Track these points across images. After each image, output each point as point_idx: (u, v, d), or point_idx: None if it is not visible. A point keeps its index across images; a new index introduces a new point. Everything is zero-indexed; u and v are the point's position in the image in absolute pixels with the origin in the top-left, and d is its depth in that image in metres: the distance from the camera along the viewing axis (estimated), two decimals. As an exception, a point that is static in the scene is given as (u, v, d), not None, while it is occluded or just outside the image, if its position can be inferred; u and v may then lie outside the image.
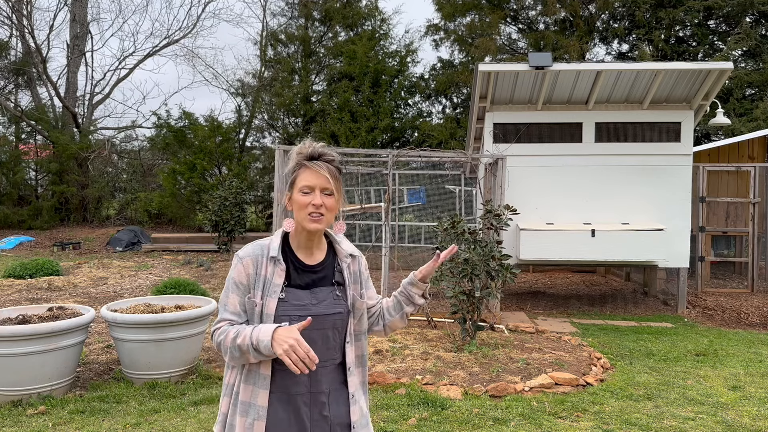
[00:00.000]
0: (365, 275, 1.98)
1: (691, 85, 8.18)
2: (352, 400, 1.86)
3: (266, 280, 1.80)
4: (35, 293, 8.87)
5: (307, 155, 1.81)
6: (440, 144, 16.38)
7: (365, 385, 1.97)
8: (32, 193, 19.32)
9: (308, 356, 1.63)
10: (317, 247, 1.89)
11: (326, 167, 1.79)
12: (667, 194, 8.30)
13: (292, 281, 1.82)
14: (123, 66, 21.26)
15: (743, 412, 4.38)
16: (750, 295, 9.47)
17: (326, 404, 1.82)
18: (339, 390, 1.87)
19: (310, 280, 1.84)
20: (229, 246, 13.63)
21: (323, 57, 19.18)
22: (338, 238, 1.95)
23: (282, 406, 1.78)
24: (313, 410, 1.80)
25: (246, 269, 1.80)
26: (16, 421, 4.06)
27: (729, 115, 14.58)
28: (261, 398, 1.76)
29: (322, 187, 1.78)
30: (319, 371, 1.80)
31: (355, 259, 1.95)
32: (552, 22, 18.23)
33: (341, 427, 1.84)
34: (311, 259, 1.87)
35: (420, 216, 13.95)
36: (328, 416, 1.82)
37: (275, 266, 1.81)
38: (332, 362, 1.85)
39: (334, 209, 1.81)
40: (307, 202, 1.77)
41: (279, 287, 1.79)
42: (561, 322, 7.64)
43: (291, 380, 1.78)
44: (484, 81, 8.12)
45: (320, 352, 1.79)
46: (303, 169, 1.80)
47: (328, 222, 1.82)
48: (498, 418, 4.14)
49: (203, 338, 5.27)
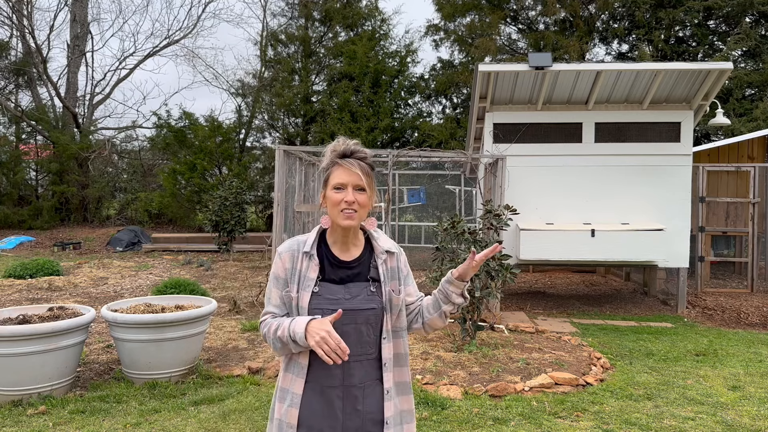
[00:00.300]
0: (404, 271, 1.97)
1: (690, 85, 8.18)
2: (387, 395, 1.87)
3: (301, 274, 1.86)
4: (35, 293, 8.88)
5: (339, 153, 1.85)
6: (440, 144, 16.39)
7: (407, 385, 1.95)
8: (32, 193, 19.33)
9: (339, 347, 1.68)
10: (353, 243, 1.92)
11: (358, 164, 1.83)
12: (667, 194, 8.31)
13: (327, 276, 1.87)
14: (123, 66, 21.28)
15: (743, 412, 4.38)
16: (750, 295, 9.47)
17: (359, 398, 1.84)
18: (373, 385, 1.88)
19: (345, 276, 1.88)
20: (229, 246, 13.63)
21: (323, 57, 19.19)
22: (376, 234, 1.97)
23: (315, 396, 1.83)
24: (346, 403, 1.84)
25: (284, 263, 1.89)
26: (17, 421, 4.07)
27: (729, 115, 14.58)
28: (297, 386, 1.84)
29: (354, 184, 1.82)
30: (352, 365, 1.84)
31: (393, 255, 1.96)
32: (552, 22, 18.23)
33: (373, 422, 1.86)
34: (347, 255, 1.91)
35: (420, 216, 13.96)
36: (360, 410, 1.84)
37: (309, 261, 1.87)
38: (366, 357, 1.87)
39: (366, 205, 1.85)
40: (340, 199, 1.81)
41: (313, 281, 1.85)
42: (561, 322, 7.64)
43: (325, 372, 1.83)
44: (484, 81, 8.13)
45: (353, 347, 1.82)
46: (336, 166, 1.84)
47: (361, 218, 1.86)
48: (498, 417, 4.15)
49: (203, 338, 5.28)
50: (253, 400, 4.45)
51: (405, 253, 2.06)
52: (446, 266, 6.05)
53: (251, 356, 5.66)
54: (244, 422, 4.05)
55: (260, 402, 4.41)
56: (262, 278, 9.97)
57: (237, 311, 7.72)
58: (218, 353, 5.78)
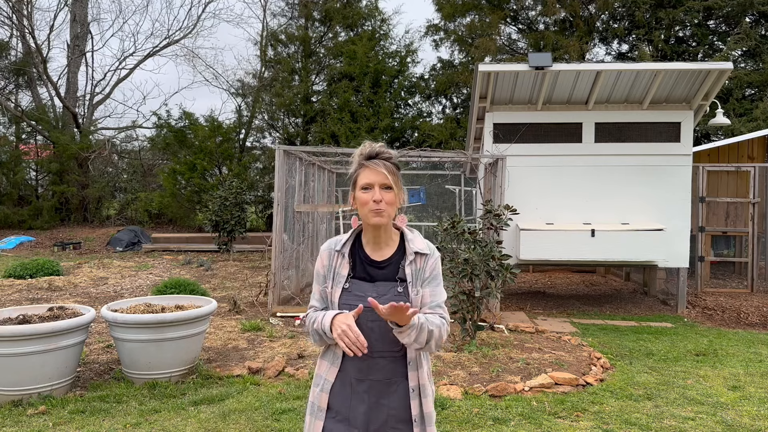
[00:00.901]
0: (427, 274, 1.97)
1: (690, 85, 8.18)
2: (413, 394, 1.93)
3: (335, 271, 1.99)
4: (35, 293, 8.88)
5: (366, 155, 1.95)
6: (440, 144, 16.39)
7: (427, 387, 1.98)
8: (32, 193, 19.33)
9: (358, 340, 1.78)
10: (386, 243, 2.00)
11: (383, 164, 1.91)
12: (666, 194, 8.31)
13: (357, 273, 1.98)
14: (123, 66, 21.29)
15: (743, 412, 4.38)
16: (750, 295, 9.47)
17: (384, 393, 1.92)
18: (399, 382, 1.94)
19: (375, 274, 1.97)
20: (229, 246, 13.63)
21: (323, 57, 19.19)
22: (411, 235, 2.03)
23: (345, 385, 1.95)
24: (371, 396, 1.92)
25: (323, 261, 2.02)
26: (17, 421, 4.07)
27: (729, 115, 14.58)
28: (330, 374, 1.97)
29: (380, 183, 1.90)
30: (378, 361, 1.92)
31: (423, 257, 1.99)
32: (552, 22, 18.23)
33: (397, 419, 1.92)
34: (378, 255, 1.99)
35: (420, 216, 13.95)
36: (385, 405, 1.92)
37: (342, 259, 1.99)
38: (391, 354, 1.94)
39: (393, 203, 1.93)
40: (368, 198, 1.90)
41: (344, 278, 1.97)
42: (561, 322, 7.64)
43: (354, 364, 1.93)
44: (484, 81, 8.13)
45: (378, 343, 1.91)
46: (362, 168, 1.94)
47: (390, 215, 1.93)
48: (498, 417, 4.15)
49: (203, 338, 5.28)
50: (253, 400, 4.45)
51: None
52: (446, 266, 6.05)
53: (251, 356, 5.66)
54: (244, 422, 4.05)
55: (260, 402, 4.41)
56: (261, 278, 9.97)
57: (237, 311, 7.72)
58: (218, 353, 5.78)
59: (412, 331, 1.81)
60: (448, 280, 5.95)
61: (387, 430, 1.92)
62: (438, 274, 2.01)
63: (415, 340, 1.84)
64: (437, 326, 1.88)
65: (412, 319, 1.80)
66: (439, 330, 1.89)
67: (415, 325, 1.81)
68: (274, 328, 6.75)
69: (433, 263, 1.99)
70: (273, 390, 4.70)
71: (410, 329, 1.81)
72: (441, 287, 2.01)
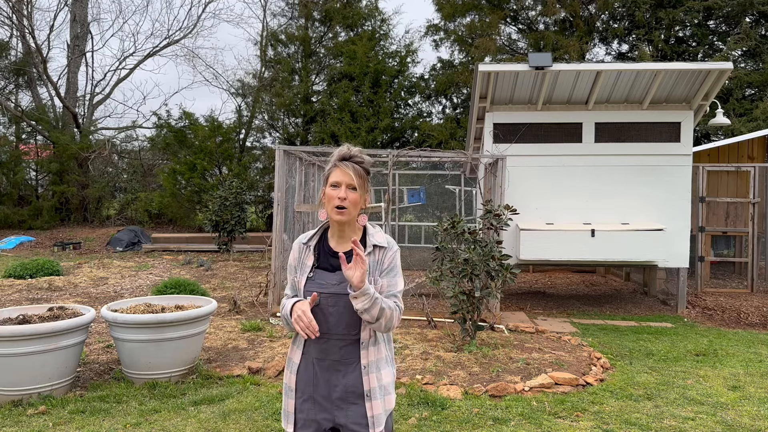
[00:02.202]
0: (385, 265, 2.16)
1: (690, 85, 8.18)
2: (364, 371, 2.13)
3: (302, 262, 2.21)
4: (35, 293, 8.88)
5: (339, 156, 2.14)
6: (440, 144, 16.38)
7: (384, 360, 2.19)
8: (32, 193, 19.33)
9: (311, 325, 1.99)
10: (349, 236, 2.18)
11: (352, 167, 2.11)
12: (666, 194, 8.31)
13: (321, 264, 2.18)
14: (123, 66, 21.29)
15: (743, 412, 4.38)
16: (750, 295, 9.47)
17: (341, 373, 2.13)
18: (355, 362, 2.14)
19: (337, 265, 2.13)
20: (230, 246, 13.63)
21: (323, 57, 19.19)
22: (372, 231, 2.22)
23: (308, 366, 2.17)
24: (331, 376, 2.14)
25: (294, 253, 2.25)
26: (17, 421, 4.07)
27: (729, 115, 14.58)
28: (296, 356, 2.20)
29: (347, 183, 2.09)
30: (335, 343, 2.13)
31: (381, 250, 2.17)
32: (552, 22, 18.23)
33: (355, 395, 2.13)
34: (342, 247, 2.18)
35: (420, 216, 13.95)
36: (343, 383, 2.12)
37: (308, 251, 2.21)
38: (348, 337, 2.13)
39: (357, 203, 2.12)
40: (334, 195, 2.09)
41: (309, 268, 2.18)
42: (561, 322, 7.64)
43: (314, 347, 2.15)
44: (484, 81, 8.13)
45: (335, 326, 2.11)
46: (335, 168, 2.13)
47: (350, 214, 2.12)
48: (498, 417, 4.15)
49: (203, 338, 5.28)
50: (253, 400, 4.45)
51: (405, 252, 2.17)
52: (446, 266, 6.05)
53: (251, 356, 5.66)
54: (244, 422, 4.05)
55: (260, 402, 4.41)
56: (261, 278, 9.97)
57: (237, 311, 7.72)
58: (218, 353, 5.78)
59: (366, 297, 1.98)
60: (448, 280, 5.95)
61: (347, 404, 2.12)
62: (396, 266, 2.18)
63: (367, 311, 2.01)
64: (389, 307, 2.06)
65: (366, 286, 1.97)
66: (391, 311, 2.06)
67: (369, 294, 1.98)
68: (274, 328, 6.75)
69: (391, 255, 2.17)
70: (273, 390, 4.70)
71: (364, 295, 1.98)
72: (398, 278, 2.18)
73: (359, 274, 1.95)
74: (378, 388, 2.14)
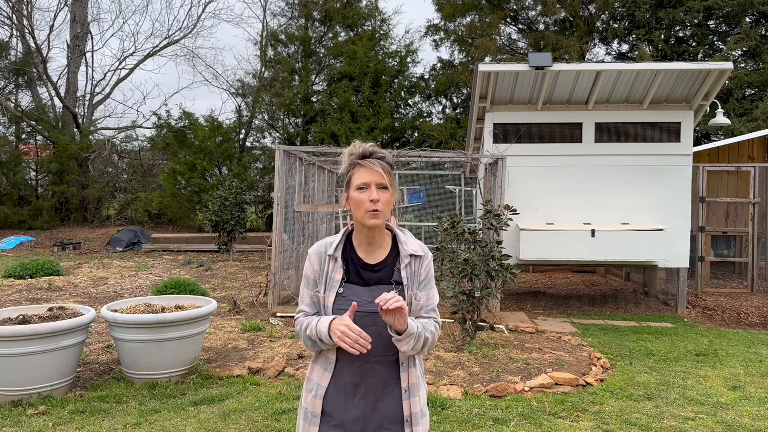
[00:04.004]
0: (422, 276, 1.95)
1: (691, 85, 8.18)
2: (405, 395, 1.93)
3: (328, 276, 1.93)
4: (35, 293, 8.88)
5: (359, 155, 1.89)
6: (440, 144, 16.38)
7: (422, 378, 2.01)
8: (32, 193, 19.32)
9: (360, 337, 1.76)
10: (379, 244, 1.95)
11: (379, 163, 1.87)
12: (666, 194, 8.31)
13: (351, 278, 1.93)
14: (123, 66, 21.28)
15: (743, 412, 4.38)
16: (750, 295, 9.47)
17: (380, 397, 1.91)
18: (393, 385, 1.92)
19: (370, 278, 1.92)
20: (229, 246, 13.62)
21: (323, 57, 19.19)
22: (404, 236, 1.98)
23: (340, 390, 1.92)
24: (367, 401, 1.90)
25: (312, 265, 1.95)
26: (17, 421, 4.07)
27: (729, 115, 14.58)
28: (324, 379, 1.94)
29: (377, 182, 1.85)
30: (373, 366, 1.90)
31: (417, 259, 1.95)
32: (552, 22, 18.23)
33: (392, 421, 1.91)
34: (372, 258, 1.94)
35: (420, 216, 13.95)
36: (379, 409, 1.91)
37: (335, 263, 1.93)
38: (387, 358, 1.92)
39: (389, 203, 1.88)
40: (365, 198, 1.84)
41: (338, 283, 1.91)
42: (561, 322, 7.64)
43: (349, 370, 1.91)
44: (484, 81, 8.13)
45: (372, 348, 1.84)
46: (357, 167, 1.88)
47: (386, 216, 1.88)
48: (498, 418, 4.15)
49: (203, 338, 5.28)
50: (253, 400, 4.44)
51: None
52: (446, 266, 6.05)
53: (251, 356, 5.66)
54: (244, 422, 4.05)
55: (260, 402, 4.41)
56: (261, 278, 9.96)
57: (237, 311, 7.72)
58: (218, 353, 5.78)
59: (410, 339, 1.81)
60: (448, 280, 5.95)
61: (381, 431, 1.92)
62: (432, 276, 1.99)
63: (413, 348, 1.85)
64: (431, 333, 1.89)
65: (410, 326, 1.79)
66: (433, 336, 1.90)
67: (413, 334, 1.81)
68: (274, 328, 6.75)
69: (427, 265, 1.97)
70: (273, 390, 4.69)
71: (409, 337, 1.81)
72: (435, 290, 1.99)
73: (402, 320, 1.75)
74: (419, 413, 1.94)
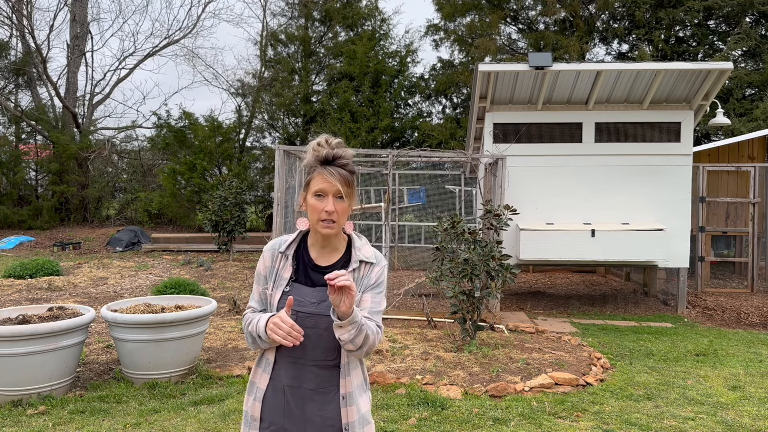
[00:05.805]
0: (372, 281, 1.91)
1: (691, 85, 8.18)
2: (343, 402, 1.87)
3: (277, 273, 1.92)
4: (35, 293, 8.87)
5: (322, 158, 1.83)
6: (440, 144, 16.39)
7: (364, 385, 1.95)
8: (32, 193, 19.32)
9: (293, 329, 1.72)
10: (334, 247, 1.93)
11: (338, 173, 1.81)
12: (666, 194, 8.31)
13: (299, 277, 1.91)
14: (123, 66, 21.26)
15: (743, 412, 4.38)
16: (750, 295, 9.47)
17: (318, 403, 1.86)
18: (333, 391, 1.87)
19: (317, 280, 1.88)
20: (229, 246, 13.62)
21: (323, 57, 19.19)
22: (359, 242, 1.95)
23: (277, 394, 1.88)
24: (306, 405, 1.86)
25: (265, 261, 1.95)
26: (16, 421, 4.06)
27: (729, 115, 14.58)
28: (262, 382, 1.91)
29: (334, 192, 1.81)
30: (311, 369, 1.86)
31: (368, 266, 1.91)
32: (552, 22, 18.23)
33: (333, 428, 1.85)
34: (324, 260, 1.92)
35: (420, 216, 13.95)
36: (318, 414, 1.86)
37: (285, 261, 1.93)
38: (326, 362, 1.87)
39: (345, 212, 1.85)
40: (321, 207, 1.81)
41: (285, 281, 1.90)
42: (561, 322, 7.64)
43: (287, 372, 1.88)
44: (484, 81, 8.12)
45: (311, 351, 1.84)
46: (317, 173, 1.83)
47: (340, 226, 1.86)
48: (498, 418, 4.14)
49: (203, 338, 5.28)
50: (253, 400, 4.44)
51: (404, 252, 2.01)
52: (446, 266, 6.05)
53: (251, 356, 5.66)
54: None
55: (260, 402, 4.40)
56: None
57: (237, 311, 7.72)
58: (218, 353, 5.78)
59: (352, 327, 1.72)
60: (448, 280, 5.95)
61: None
62: (383, 282, 1.92)
63: (352, 340, 1.75)
64: (373, 333, 1.80)
65: (355, 314, 1.71)
66: (374, 337, 1.80)
67: (357, 323, 1.72)
68: (274, 328, 6.74)
69: (379, 271, 1.92)
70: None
71: (351, 325, 1.71)
72: (383, 297, 1.92)
73: (348, 301, 1.67)
74: (357, 422, 1.87)
